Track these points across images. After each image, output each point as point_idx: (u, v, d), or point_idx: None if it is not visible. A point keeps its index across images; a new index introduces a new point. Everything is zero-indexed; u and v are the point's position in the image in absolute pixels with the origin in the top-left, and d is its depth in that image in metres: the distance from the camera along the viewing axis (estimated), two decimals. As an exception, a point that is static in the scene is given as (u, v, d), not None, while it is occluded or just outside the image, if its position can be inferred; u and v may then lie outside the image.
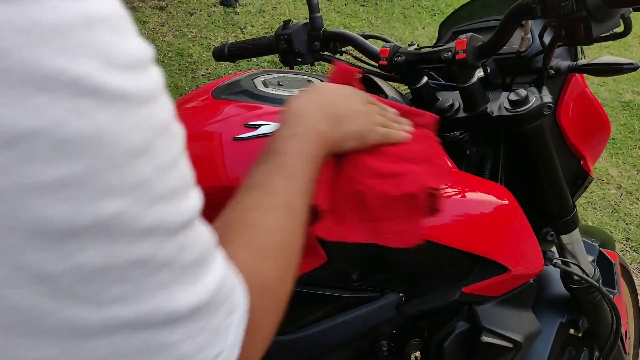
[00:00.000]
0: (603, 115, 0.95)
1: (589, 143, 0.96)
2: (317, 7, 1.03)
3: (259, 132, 0.65)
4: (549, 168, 0.83)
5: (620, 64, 0.74)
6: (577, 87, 0.91)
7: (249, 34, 3.57)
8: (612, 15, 0.61)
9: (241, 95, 0.73)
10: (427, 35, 3.95)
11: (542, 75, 0.78)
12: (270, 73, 0.82)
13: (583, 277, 0.94)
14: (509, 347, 0.84)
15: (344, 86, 0.68)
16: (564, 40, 0.64)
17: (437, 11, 4.26)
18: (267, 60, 3.28)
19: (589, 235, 1.22)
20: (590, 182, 0.99)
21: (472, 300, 0.80)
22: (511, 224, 0.77)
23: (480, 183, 0.78)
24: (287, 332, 0.73)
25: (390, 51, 0.85)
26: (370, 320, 0.76)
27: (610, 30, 0.62)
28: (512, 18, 0.69)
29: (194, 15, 3.66)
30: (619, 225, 2.45)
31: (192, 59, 3.27)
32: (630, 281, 1.37)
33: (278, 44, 1.05)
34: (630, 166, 2.87)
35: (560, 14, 0.61)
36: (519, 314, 0.87)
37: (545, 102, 0.75)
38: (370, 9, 4.20)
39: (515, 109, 0.75)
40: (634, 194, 2.67)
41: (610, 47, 4.11)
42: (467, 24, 1.00)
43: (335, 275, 0.70)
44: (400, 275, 0.75)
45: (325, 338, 0.74)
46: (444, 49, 0.76)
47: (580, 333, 1.10)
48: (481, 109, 0.78)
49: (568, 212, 0.89)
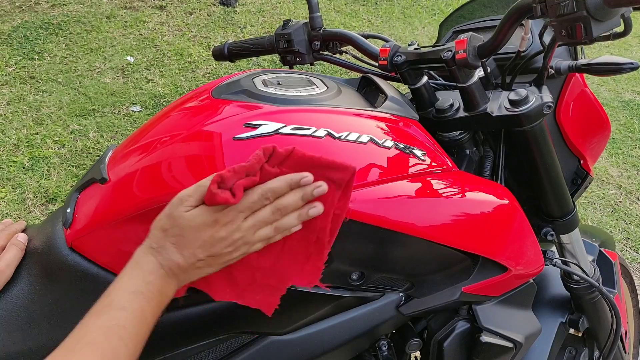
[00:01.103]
0: (603, 115, 0.95)
1: (589, 143, 0.96)
2: (317, 7, 1.03)
3: (258, 132, 0.65)
4: (549, 168, 0.82)
5: (620, 63, 0.74)
6: (577, 86, 0.91)
7: (248, 34, 3.57)
8: (612, 14, 0.60)
9: (241, 95, 0.73)
10: (427, 35, 3.95)
11: (542, 74, 0.78)
12: (270, 73, 0.82)
13: (583, 277, 0.94)
14: (509, 346, 0.84)
15: (201, 212, 0.58)
16: (564, 39, 0.64)
17: (437, 11, 4.26)
18: (267, 60, 3.28)
19: (589, 235, 1.22)
20: (590, 182, 0.99)
21: (472, 300, 0.80)
22: (511, 224, 0.77)
23: (480, 183, 0.78)
24: (287, 332, 0.73)
25: (390, 51, 0.85)
26: (370, 320, 0.76)
27: (610, 29, 0.62)
28: (512, 18, 0.69)
29: (194, 15, 3.66)
30: (619, 224, 2.45)
31: (192, 58, 3.26)
32: (630, 281, 1.37)
33: (278, 43, 1.05)
34: (630, 166, 2.87)
35: (561, 14, 0.61)
36: (518, 314, 0.87)
37: (545, 101, 0.75)
38: (370, 8, 4.20)
39: (515, 109, 0.75)
40: (634, 193, 2.67)
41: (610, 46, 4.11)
42: (467, 24, 0.99)
43: (336, 275, 0.70)
44: (400, 275, 0.75)
45: (325, 338, 0.74)
46: (444, 48, 0.76)
47: (580, 333, 1.10)
48: (481, 108, 0.78)
49: (568, 212, 0.89)
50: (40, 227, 0.76)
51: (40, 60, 3.04)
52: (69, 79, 2.94)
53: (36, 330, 0.66)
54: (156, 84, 3.01)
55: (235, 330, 0.71)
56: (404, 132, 0.74)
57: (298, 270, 0.63)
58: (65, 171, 2.36)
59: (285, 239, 0.62)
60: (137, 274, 0.57)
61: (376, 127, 0.71)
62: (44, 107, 2.71)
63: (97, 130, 2.60)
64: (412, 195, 0.68)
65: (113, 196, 0.68)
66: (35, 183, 2.26)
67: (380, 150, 0.68)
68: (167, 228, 0.58)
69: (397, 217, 0.66)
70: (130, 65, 3.12)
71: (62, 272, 0.67)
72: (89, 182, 0.73)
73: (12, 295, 0.68)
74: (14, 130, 2.53)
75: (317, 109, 0.71)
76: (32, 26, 3.26)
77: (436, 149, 0.75)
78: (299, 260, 0.63)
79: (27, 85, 2.85)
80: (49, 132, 2.55)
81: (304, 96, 0.73)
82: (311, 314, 0.73)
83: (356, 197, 0.64)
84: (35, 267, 0.70)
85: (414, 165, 0.70)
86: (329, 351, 0.76)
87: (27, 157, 2.39)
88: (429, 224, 0.69)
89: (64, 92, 2.83)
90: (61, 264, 0.67)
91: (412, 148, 0.71)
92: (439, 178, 0.71)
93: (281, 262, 0.63)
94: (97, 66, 3.07)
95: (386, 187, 0.66)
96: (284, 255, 0.63)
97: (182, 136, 0.68)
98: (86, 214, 0.69)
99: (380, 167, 0.67)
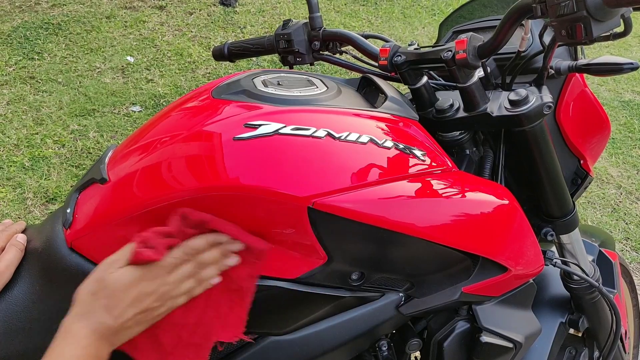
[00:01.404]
0: (603, 115, 0.95)
1: (588, 143, 0.96)
2: (317, 7, 1.03)
3: (258, 132, 0.65)
4: (549, 168, 0.82)
5: (620, 63, 0.74)
6: (577, 86, 0.91)
7: (248, 34, 3.57)
8: (612, 15, 0.60)
9: (241, 95, 0.73)
10: (427, 35, 3.95)
11: (542, 75, 0.78)
12: (270, 73, 0.82)
13: (583, 277, 0.94)
14: (509, 346, 0.84)
15: (128, 271, 0.61)
16: (564, 40, 0.64)
17: (436, 11, 4.26)
18: (267, 60, 3.28)
19: (589, 235, 1.22)
20: (590, 182, 0.99)
21: (472, 300, 0.80)
22: (511, 224, 0.77)
23: (480, 183, 0.78)
24: (287, 332, 0.73)
25: (390, 51, 0.85)
26: (370, 320, 0.76)
27: (610, 30, 0.62)
28: (512, 18, 0.69)
29: (194, 15, 3.66)
30: (619, 224, 2.45)
31: (192, 58, 3.26)
32: (630, 281, 1.37)
33: (278, 43, 1.05)
34: (630, 166, 2.87)
35: (561, 14, 0.61)
36: (518, 314, 0.87)
37: (545, 101, 0.75)
38: (370, 8, 4.20)
39: (515, 109, 0.75)
40: (634, 193, 2.67)
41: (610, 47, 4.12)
42: (467, 24, 0.99)
43: (335, 275, 0.70)
44: (400, 275, 0.75)
45: (325, 338, 0.74)
46: (444, 48, 0.76)
47: (580, 333, 1.10)
48: (481, 108, 0.78)
49: (568, 212, 0.89)
50: (40, 227, 0.76)
51: (40, 60, 3.04)
52: (69, 79, 2.94)
53: (36, 330, 0.66)
54: (156, 84, 3.01)
55: (235, 331, 0.71)
56: (404, 132, 0.74)
57: (222, 324, 0.66)
58: (65, 171, 2.36)
59: (209, 292, 0.66)
60: (70, 341, 0.58)
61: (376, 127, 0.71)
62: (44, 107, 2.71)
63: (97, 130, 2.60)
64: (412, 196, 0.68)
65: (113, 196, 0.68)
66: (35, 183, 2.26)
67: (380, 151, 0.68)
68: (96, 291, 0.60)
69: (397, 217, 0.66)
70: (130, 65, 3.12)
71: (62, 272, 0.67)
72: (89, 182, 0.73)
73: (12, 296, 0.68)
74: (14, 130, 2.53)
75: (317, 109, 0.71)
76: (32, 26, 3.26)
77: (436, 149, 0.75)
78: (222, 312, 0.66)
79: (27, 85, 2.85)
80: (49, 132, 2.55)
81: (304, 96, 0.73)
82: (311, 314, 0.73)
83: (356, 198, 0.64)
84: (35, 267, 0.70)
85: (414, 165, 0.70)
86: (328, 351, 0.76)
87: (27, 157, 2.39)
88: (429, 224, 0.69)
89: (64, 92, 2.83)
90: (61, 264, 0.67)
91: (412, 148, 0.71)
92: (439, 178, 0.71)
93: (206, 316, 0.66)
94: (97, 66, 3.07)
95: (386, 188, 0.66)
96: (209, 309, 0.66)
97: (182, 136, 0.68)
98: (86, 214, 0.69)
99: (380, 168, 0.67)
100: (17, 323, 0.67)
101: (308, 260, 0.67)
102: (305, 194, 0.62)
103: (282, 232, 0.65)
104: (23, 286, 0.69)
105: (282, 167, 0.63)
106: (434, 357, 0.84)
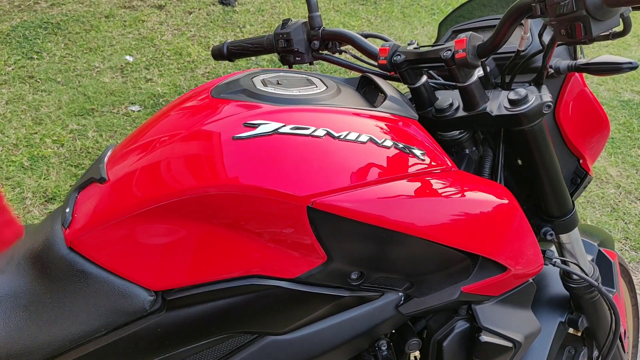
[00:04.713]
0: (602, 115, 0.95)
1: (588, 142, 0.96)
2: (316, 6, 1.02)
3: (258, 132, 0.65)
4: (549, 167, 0.82)
5: (620, 63, 0.74)
6: (576, 86, 0.91)
7: (247, 33, 3.57)
8: (611, 14, 0.60)
9: (240, 94, 0.73)
10: (426, 34, 3.95)
11: (541, 74, 0.78)
12: (269, 72, 0.82)
13: (582, 277, 0.94)
14: (508, 346, 0.84)
15: None
16: (564, 39, 0.64)
17: (436, 10, 4.27)
18: (266, 60, 3.28)
19: (588, 235, 1.22)
20: (589, 182, 0.99)
21: (471, 299, 0.80)
22: (511, 223, 0.77)
23: (479, 182, 0.78)
24: (286, 332, 0.73)
25: (389, 50, 0.85)
26: (369, 320, 0.76)
27: (609, 29, 0.62)
28: (511, 17, 0.69)
29: (193, 14, 3.66)
30: (618, 224, 2.45)
31: (191, 57, 3.26)
32: (629, 280, 1.37)
33: (277, 43, 1.05)
34: (629, 165, 2.87)
35: (560, 13, 0.61)
36: (518, 314, 0.87)
37: (545, 101, 0.75)
38: (370, 7, 4.20)
39: (515, 108, 0.75)
40: (633, 193, 2.67)
41: (610, 46, 4.12)
42: (466, 23, 0.99)
43: (335, 274, 0.70)
44: (399, 275, 0.75)
45: (324, 338, 0.74)
46: (444, 48, 0.76)
47: (579, 332, 1.10)
48: (481, 108, 0.78)
49: (567, 211, 0.89)
50: (39, 226, 0.76)
51: (39, 60, 3.04)
52: (68, 78, 2.93)
53: (35, 330, 0.66)
54: (155, 83, 3.01)
55: (235, 330, 0.71)
56: (403, 132, 0.74)
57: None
58: (64, 171, 2.35)
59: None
60: None
61: (375, 126, 0.71)
62: (43, 106, 2.71)
63: (96, 130, 2.60)
64: (412, 195, 0.67)
65: (112, 196, 0.68)
66: (34, 183, 2.26)
67: (380, 150, 0.68)
68: None
69: (396, 216, 0.66)
70: (129, 64, 3.12)
71: (61, 271, 0.67)
72: (88, 181, 0.73)
73: (11, 295, 0.68)
74: (13, 130, 2.53)
75: (316, 109, 0.71)
76: (31, 25, 3.26)
77: (436, 148, 0.75)
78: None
79: (26, 84, 2.85)
80: (48, 131, 2.55)
81: (303, 96, 0.73)
82: (310, 314, 0.73)
83: (356, 197, 0.64)
84: (34, 266, 0.70)
85: (413, 164, 0.70)
86: (328, 351, 0.75)
87: (26, 156, 2.39)
88: (429, 223, 0.69)
89: (63, 91, 2.83)
90: (60, 263, 0.67)
91: (412, 147, 0.71)
92: (438, 178, 0.71)
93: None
94: (96, 65, 3.06)
95: (386, 187, 0.66)
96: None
97: (181, 136, 0.68)
98: (85, 214, 0.69)
99: (379, 167, 0.67)
100: (17, 322, 0.66)
101: (307, 260, 0.67)
102: (305, 193, 0.62)
103: (282, 232, 0.65)
104: (22, 286, 0.69)
105: (282, 167, 0.63)
106: (434, 356, 0.84)
